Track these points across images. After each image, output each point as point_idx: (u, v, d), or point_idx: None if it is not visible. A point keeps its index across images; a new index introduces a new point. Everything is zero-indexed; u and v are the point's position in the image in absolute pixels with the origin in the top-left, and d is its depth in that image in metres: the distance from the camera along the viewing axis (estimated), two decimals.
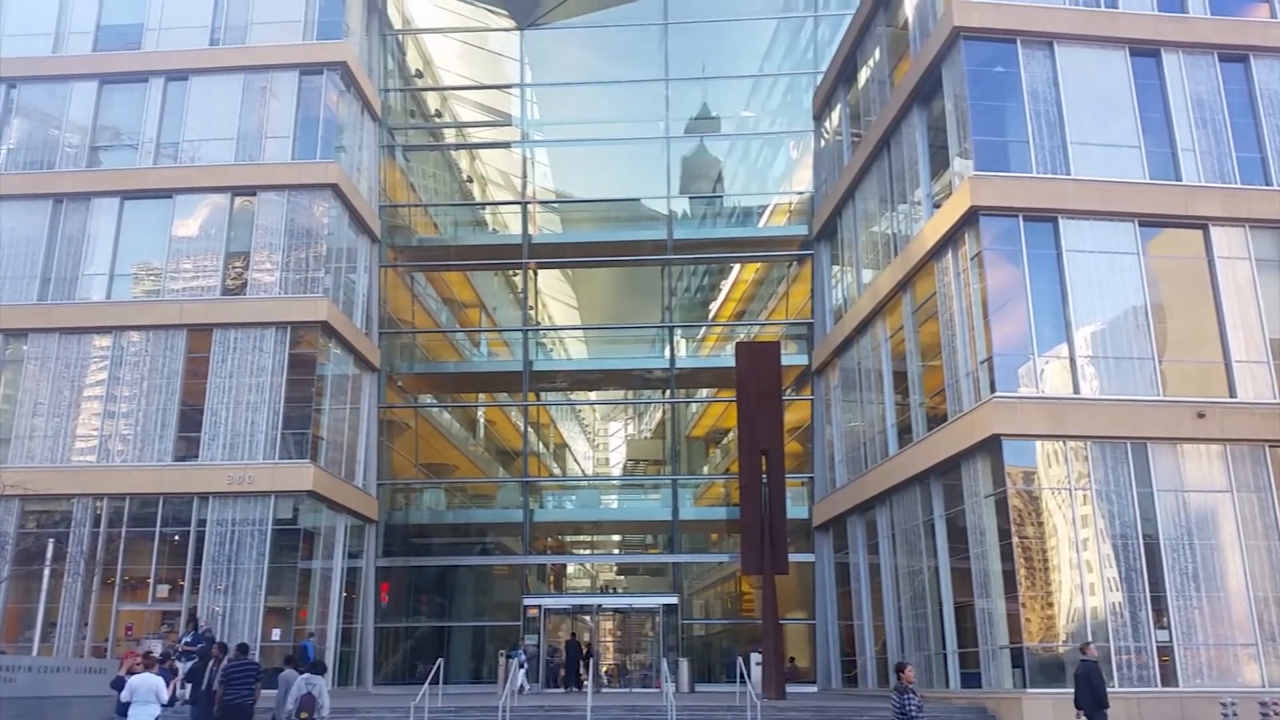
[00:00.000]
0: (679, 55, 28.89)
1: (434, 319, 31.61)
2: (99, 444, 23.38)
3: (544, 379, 30.61)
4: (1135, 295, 18.14)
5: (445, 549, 28.95)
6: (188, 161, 25.22)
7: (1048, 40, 19.21)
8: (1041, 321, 17.83)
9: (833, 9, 28.53)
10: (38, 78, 26.08)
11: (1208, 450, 17.66)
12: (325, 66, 25.39)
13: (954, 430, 18.60)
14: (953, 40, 19.23)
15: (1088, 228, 18.35)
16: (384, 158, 28.89)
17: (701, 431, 33.56)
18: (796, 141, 29.60)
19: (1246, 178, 19.08)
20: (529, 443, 29.52)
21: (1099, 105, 19.09)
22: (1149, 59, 19.54)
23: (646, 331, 30.81)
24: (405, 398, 29.58)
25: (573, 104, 31.09)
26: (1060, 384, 17.69)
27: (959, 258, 19.08)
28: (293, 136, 25.03)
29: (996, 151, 18.73)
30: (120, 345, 23.96)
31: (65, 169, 25.41)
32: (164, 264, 24.55)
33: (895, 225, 22.65)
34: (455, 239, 30.82)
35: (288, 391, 23.07)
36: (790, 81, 29.66)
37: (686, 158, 29.82)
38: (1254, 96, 19.57)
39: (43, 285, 24.58)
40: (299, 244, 24.40)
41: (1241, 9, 20.36)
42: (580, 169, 31.83)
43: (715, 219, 31.00)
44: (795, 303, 29.02)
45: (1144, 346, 17.91)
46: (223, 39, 26.10)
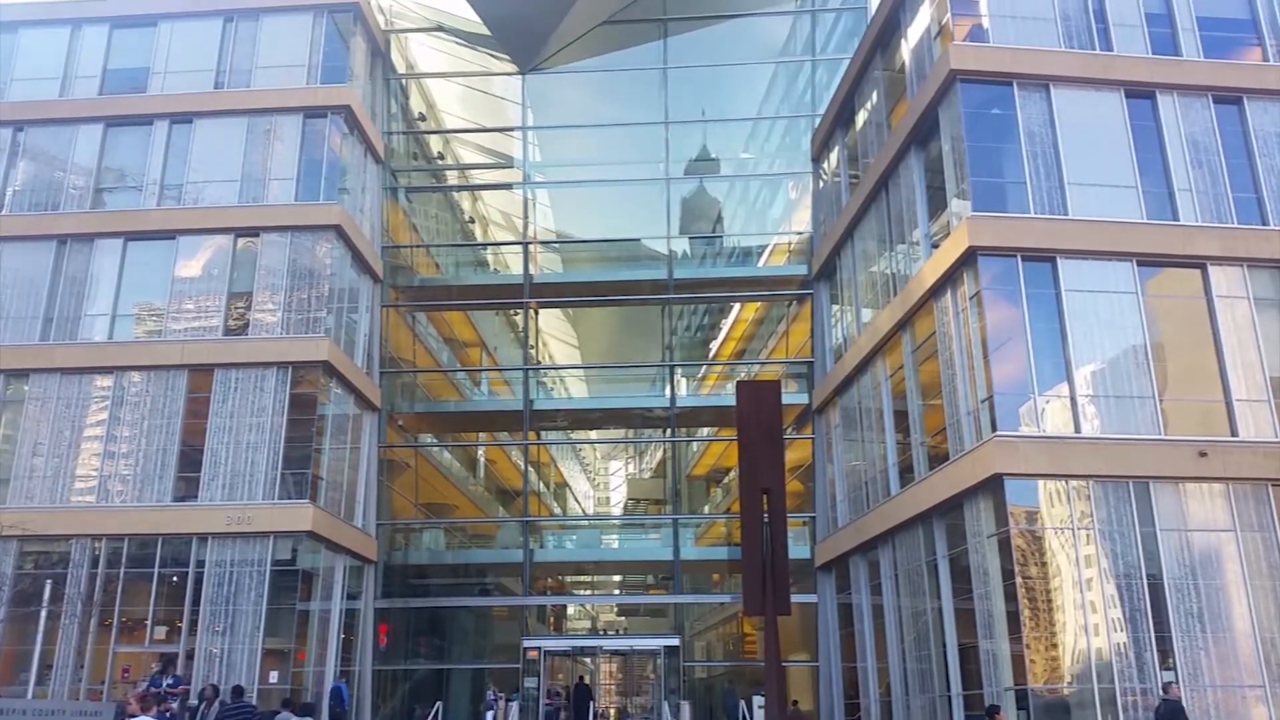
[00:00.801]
0: (679, 98, 29.20)
1: (435, 358, 31.67)
2: (98, 484, 23.32)
3: (544, 418, 30.60)
4: (1135, 334, 18.20)
5: (444, 590, 28.75)
6: (191, 203, 25.42)
7: (1044, 83, 19.43)
8: (1041, 360, 17.86)
9: (830, 53, 28.89)
10: (44, 121, 26.37)
11: (1210, 489, 17.60)
12: (329, 110, 25.67)
13: (955, 469, 18.57)
14: (949, 83, 19.46)
15: (1086, 267, 18.45)
16: (387, 199, 29.11)
17: (702, 470, 33.48)
18: (795, 182, 29.83)
19: (1243, 217, 19.22)
20: (529, 482, 29.44)
21: (1095, 146, 19.27)
22: (1144, 101, 19.76)
23: (647, 370, 30.85)
24: (405, 437, 29.55)
25: (574, 146, 31.38)
26: (1061, 423, 17.68)
27: (958, 297, 19.16)
28: (296, 178, 25.25)
29: (994, 192, 18.89)
30: (121, 385, 24.00)
31: (69, 210, 25.60)
32: (166, 304, 24.66)
33: (894, 265, 22.77)
34: (457, 279, 30.96)
35: (288, 431, 23.06)
36: (789, 124, 29.96)
37: (686, 198, 30.04)
38: (1249, 138, 19.76)
39: (45, 325, 24.67)
40: (301, 284, 24.52)
41: (1234, 52, 20.63)
42: (581, 210, 32.06)
43: (715, 259, 31.16)
44: (795, 342, 29.09)
45: (1144, 385, 17.93)
46: (227, 82, 26.41)
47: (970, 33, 19.97)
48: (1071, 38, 19.99)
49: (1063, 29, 20.01)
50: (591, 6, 28.20)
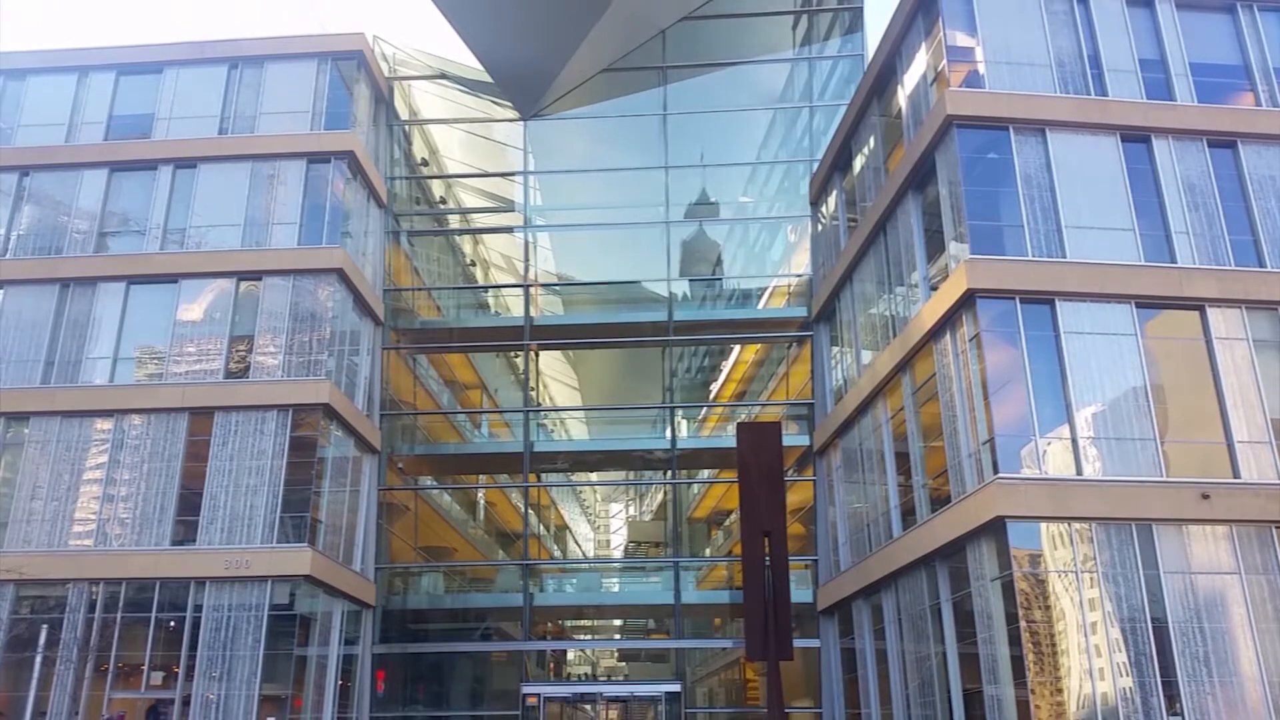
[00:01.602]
0: (678, 144, 29.50)
1: (435, 400, 31.66)
2: (97, 528, 23.22)
3: (545, 460, 30.52)
4: (1134, 376, 18.22)
5: (443, 635, 28.48)
6: (194, 247, 25.59)
7: (1040, 127, 19.65)
8: (1042, 402, 17.86)
9: (827, 99, 29.23)
10: (50, 166, 26.64)
11: (1213, 531, 17.52)
12: (333, 155, 25.94)
13: (957, 512, 18.49)
14: (946, 129, 19.67)
15: (1085, 309, 18.52)
16: (389, 243, 29.30)
17: (703, 513, 33.32)
18: (794, 226, 30.04)
19: (1240, 260, 19.31)
20: (529, 525, 29.30)
21: (1092, 190, 19.43)
22: (1140, 145, 19.96)
23: (647, 412, 30.82)
24: (405, 479, 29.46)
25: (574, 190, 31.64)
26: (1062, 465, 17.65)
27: (957, 339, 19.22)
28: (299, 222, 25.45)
29: (992, 235, 19.01)
30: (122, 429, 23.98)
31: (73, 254, 25.76)
32: (167, 348, 24.72)
33: (893, 307, 22.85)
34: (458, 321, 31.06)
35: (287, 474, 23.01)
36: (787, 168, 30.23)
37: (686, 241, 30.22)
38: (1243, 181, 19.93)
39: (46, 368, 24.72)
40: (303, 327, 24.60)
41: (1228, 97, 20.87)
42: (582, 253, 32.24)
43: (715, 301, 31.27)
44: (795, 383, 29.10)
45: (1145, 427, 17.91)
46: (232, 128, 26.71)
47: (966, 78, 20.23)
48: (1067, 83, 20.24)
49: (1058, 74, 20.27)
50: (592, 54, 28.59)
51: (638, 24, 28.72)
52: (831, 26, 30.17)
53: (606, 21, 27.03)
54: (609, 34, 27.95)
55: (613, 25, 27.48)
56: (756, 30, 30.59)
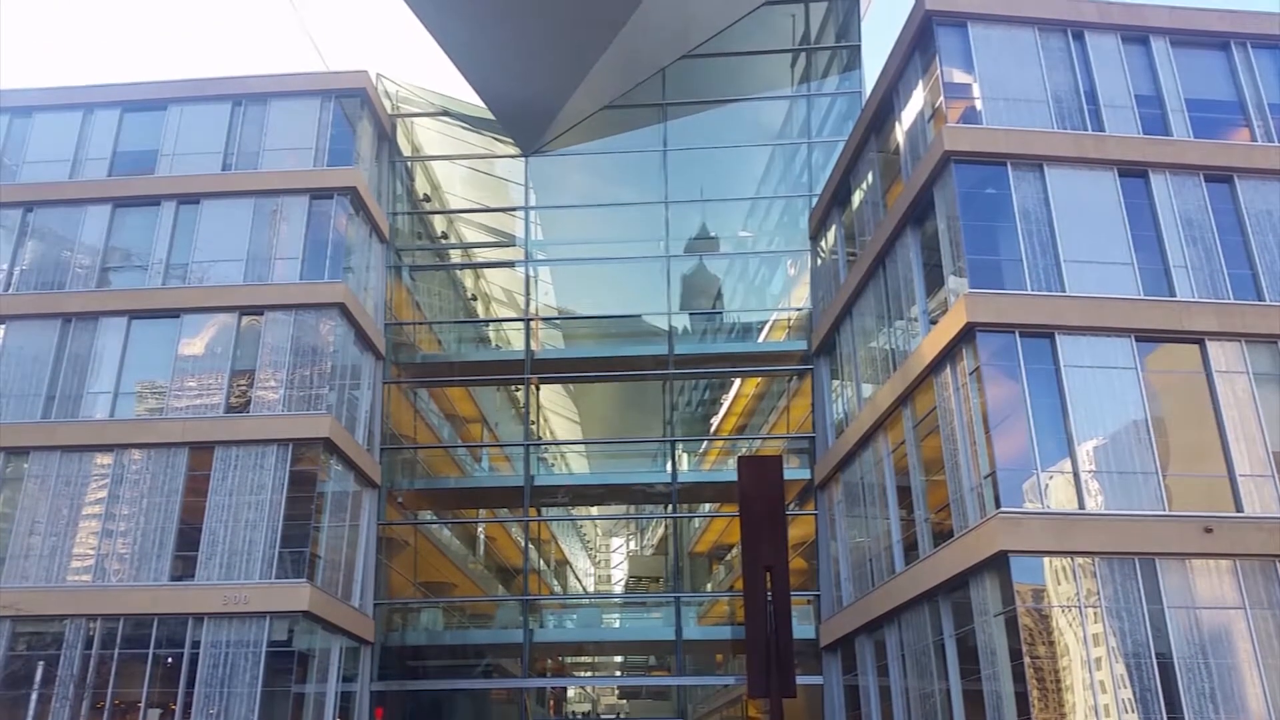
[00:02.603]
0: (678, 179, 29.71)
1: (435, 434, 31.63)
2: (95, 563, 23.10)
3: (545, 494, 30.44)
4: (1135, 409, 18.22)
5: (442, 671, 28.24)
6: (196, 282, 25.69)
7: (1037, 162, 19.80)
8: (1043, 436, 17.84)
9: (826, 135, 29.47)
10: (54, 201, 26.79)
11: (1217, 566, 17.43)
12: (336, 191, 26.11)
13: (960, 546, 18.41)
14: (944, 164, 19.82)
15: (1085, 343, 18.56)
16: (390, 277, 29.42)
17: (704, 547, 33.18)
18: (794, 260, 30.17)
19: (1239, 293, 19.38)
20: (529, 560, 29.15)
21: (1090, 224, 19.55)
22: (1137, 180, 20.10)
23: (648, 446, 30.78)
24: (405, 514, 29.35)
25: (575, 225, 31.82)
26: (1065, 499, 17.59)
27: (958, 373, 19.24)
28: (301, 257, 25.56)
29: (990, 269, 19.10)
30: (122, 464, 23.94)
31: (75, 289, 25.85)
32: (168, 382, 24.74)
33: (893, 341, 22.90)
34: (459, 355, 31.11)
35: (287, 509, 22.94)
36: (786, 203, 30.42)
37: (686, 275, 30.36)
38: (1241, 215, 20.05)
39: (47, 403, 24.72)
40: (304, 361, 24.64)
41: (1223, 133, 21.06)
42: (582, 287, 32.37)
43: (715, 334, 31.34)
44: (796, 417, 29.08)
45: (1147, 461, 17.88)
46: (235, 164, 26.90)
47: (963, 114, 20.42)
48: (1064, 118, 20.43)
49: (1055, 110, 20.46)
50: (593, 92, 28.88)
51: (638, 62, 29.04)
52: (829, 64, 30.50)
53: (607, 60, 27.33)
54: (609, 72, 28.25)
55: (613, 64, 27.79)
56: (755, 68, 30.92)
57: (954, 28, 20.86)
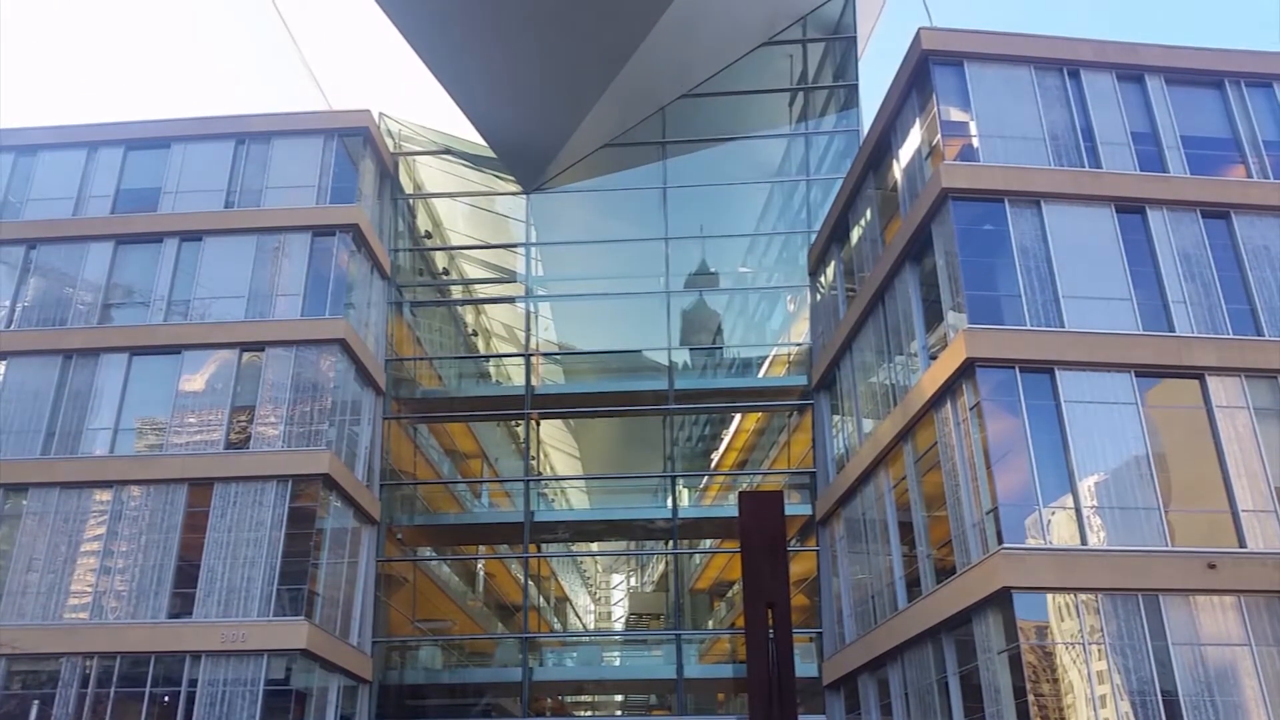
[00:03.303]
0: (678, 215, 29.90)
1: (435, 470, 31.55)
2: (93, 600, 22.96)
3: (545, 530, 30.30)
4: (1136, 445, 18.20)
5: (441, 711, 27.94)
6: (198, 319, 25.77)
7: (1035, 199, 19.94)
8: (1045, 472, 17.81)
9: (824, 173, 29.68)
10: (56, 239, 26.93)
11: (1221, 602, 17.32)
12: (338, 228, 26.27)
13: (963, 583, 18.30)
14: (941, 201, 19.96)
15: (1085, 379, 18.58)
16: (391, 313, 29.50)
17: (705, 584, 32.96)
18: (793, 295, 30.27)
19: (1238, 329, 19.43)
20: (529, 596, 28.96)
21: (1088, 260, 19.64)
22: (1134, 216, 20.23)
23: (648, 481, 30.68)
24: (404, 550, 29.20)
25: (576, 261, 31.97)
26: (1067, 535, 17.53)
27: (958, 408, 19.24)
28: (303, 294, 25.65)
29: (989, 305, 19.16)
30: (121, 500, 23.87)
31: (76, 326, 25.91)
32: (169, 419, 24.73)
33: (893, 376, 22.92)
34: (459, 390, 31.11)
35: (285, 546, 22.84)
36: (785, 239, 30.58)
37: (686, 311, 30.44)
38: (1238, 251, 20.16)
39: (46, 439, 24.69)
40: (304, 397, 24.65)
41: (1219, 169, 21.22)
42: (583, 322, 32.44)
43: (715, 370, 31.37)
44: (797, 452, 29.03)
45: (1149, 496, 17.83)
46: (238, 201, 27.08)
47: (961, 152, 20.59)
48: (1060, 155, 20.60)
49: (1051, 147, 20.64)
50: (594, 130, 29.14)
51: (638, 101, 29.33)
52: (827, 103, 30.80)
53: (608, 99, 27.61)
54: (610, 111, 28.53)
55: (614, 102, 28.07)
56: (754, 106, 31.22)
57: (950, 67, 21.11)
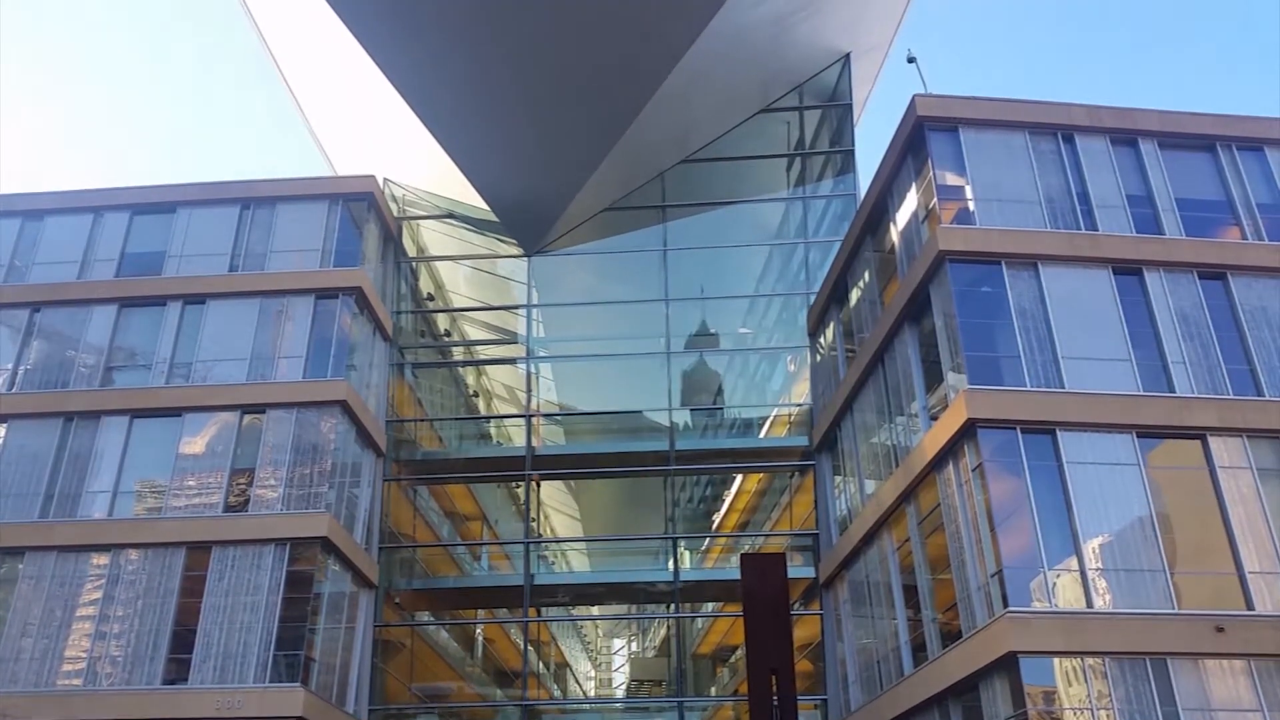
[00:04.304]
0: (678, 277, 30.13)
1: (435, 532, 31.33)
2: (87, 666, 22.63)
3: (545, 593, 29.98)
4: (1140, 506, 18.10)
5: None
6: (200, 381, 25.81)
7: (1032, 261, 20.11)
8: (1049, 534, 17.69)
9: (822, 235, 29.99)
10: (61, 302, 27.10)
11: (1231, 666, 17.06)
12: (341, 291, 26.45)
13: (969, 648, 18.06)
14: (939, 264, 20.12)
15: (1086, 439, 18.54)
16: (393, 374, 29.56)
17: (708, 649, 32.52)
18: (793, 356, 30.36)
19: (1239, 389, 19.44)
20: (529, 662, 28.54)
21: (1087, 321, 19.74)
22: (1132, 277, 20.38)
23: (649, 543, 30.46)
24: (402, 615, 28.86)
25: (577, 322, 32.13)
26: (1073, 598, 17.34)
27: (960, 469, 19.17)
28: (305, 356, 25.74)
29: (989, 366, 19.21)
30: (118, 564, 23.67)
31: (78, 388, 25.95)
32: (168, 481, 24.64)
33: (894, 437, 22.88)
34: (460, 451, 31.04)
35: (283, 611, 22.59)
36: (785, 301, 30.78)
37: (687, 372, 30.51)
38: (1236, 312, 20.25)
39: (45, 502, 24.57)
40: (304, 459, 24.58)
41: (1214, 231, 21.44)
42: (583, 383, 32.49)
43: (716, 430, 31.33)
44: (799, 513, 28.86)
45: (1154, 558, 17.68)
46: (242, 265, 27.31)
47: (957, 215, 20.82)
48: (1057, 218, 20.83)
49: (1047, 210, 20.87)
50: (595, 195, 29.51)
51: (638, 166, 29.76)
52: (824, 168, 31.24)
53: (608, 164, 28.01)
54: (611, 176, 28.92)
55: (614, 168, 28.47)
56: (752, 171, 31.66)
57: (945, 133, 21.45)
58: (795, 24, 27.96)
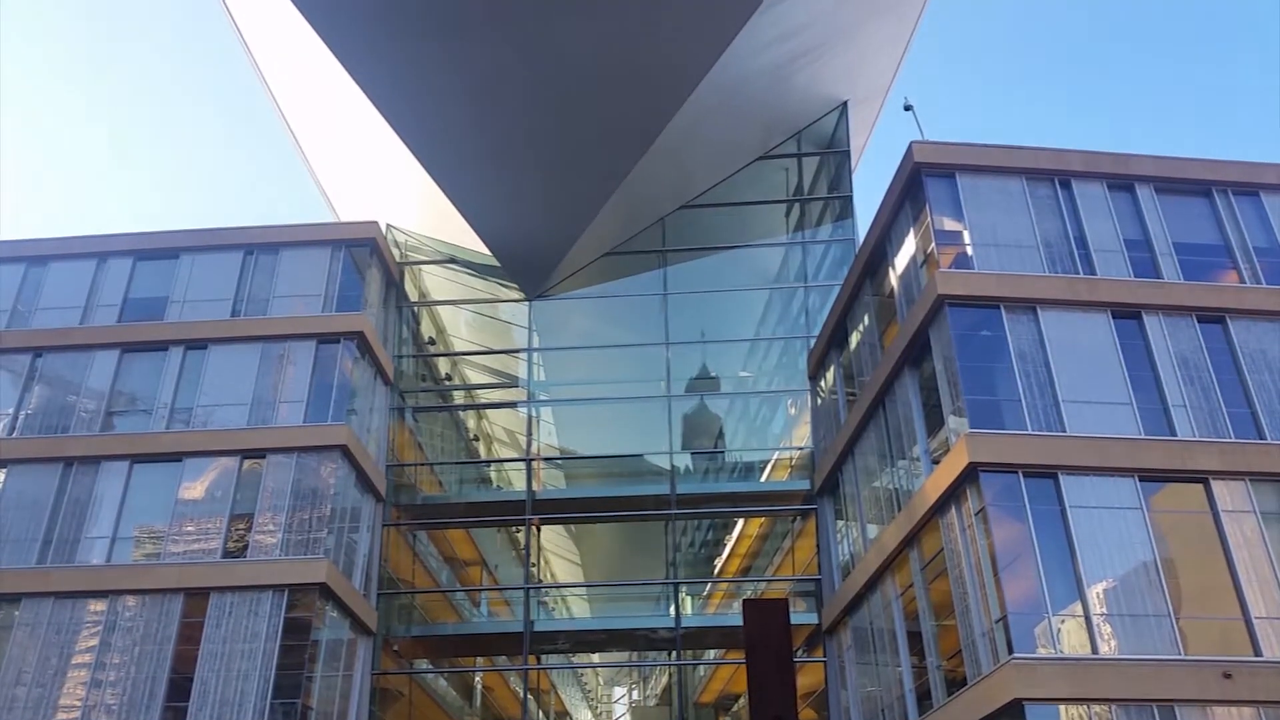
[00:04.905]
0: (678, 321, 30.24)
1: (434, 578, 31.10)
2: (81, 715, 22.34)
3: (545, 640, 29.68)
4: (1143, 550, 17.99)
5: None
6: (200, 426, 25.78)
7: (1031, 305, 20.17)
8: (1053, 578, 17.56)
9: (821, 280, 30.15)
10: (63, 347, 27.15)
11: (1239, 713, 16.85)
12: (343, 336, 26.53)
13: (974, 695, 17.85)
14: (938, 308, 20.20)
15: (1089, 483, 18.48)
16: (393, 418, 29.54)
17: (710, 697, 32.13)
18: (794, 399, 30.36)
19: (1240, 432, 19.40)
20: (528, 711, 28.19)
21: (1087, 365, 19.77)
22: (1131, 321, 20.43)
23: (651, 589, 30.24)
24: (400, 663, 28.56)
25: (577, 366, 32.19)
26: (1078, 643, 17.18)
27: (963, 513, 19.09)
28: (306, 400, 25.75)
29: (990, 409, 19.21)
30: (115, 610, 23.47)
31: (78, 433, 25.91)
32: (167, 527, 24.52)
33: (896, 480, 22.81)
34: (460, 496, 30.92)
35: (280, 658, 22.37)
36: (785, 344, 30.85)
37: (687, 415, 30.49)
38: (1235, 355, 20.28)
39: (43, 548, 24.42)
40: (303, 504, 24.49)
41: (1213, 275, 21.55)
42: (584, 427, 32.46)
43: (717, 474, 31.24)
44: (801, 558, 28.67)
45: (1159, 603, 17.54)
46: (244, 310, 27.41)
47: (955, 259, 20.95)
48: (1055, 263, 20.94)
49: (1045, 255, 20.99)
50: (596, 240, 29.72)
51: (639, 212, 30.00)
52: (823, 213, 31.49)
53: (609, 210, 28.25)
54: (611, 221, 29.15)
55: (615, 213, 28.71)
56: (752, 216, 31.90)
57: (942, 179, 21.66)
58: (793, 73, 28.35)
